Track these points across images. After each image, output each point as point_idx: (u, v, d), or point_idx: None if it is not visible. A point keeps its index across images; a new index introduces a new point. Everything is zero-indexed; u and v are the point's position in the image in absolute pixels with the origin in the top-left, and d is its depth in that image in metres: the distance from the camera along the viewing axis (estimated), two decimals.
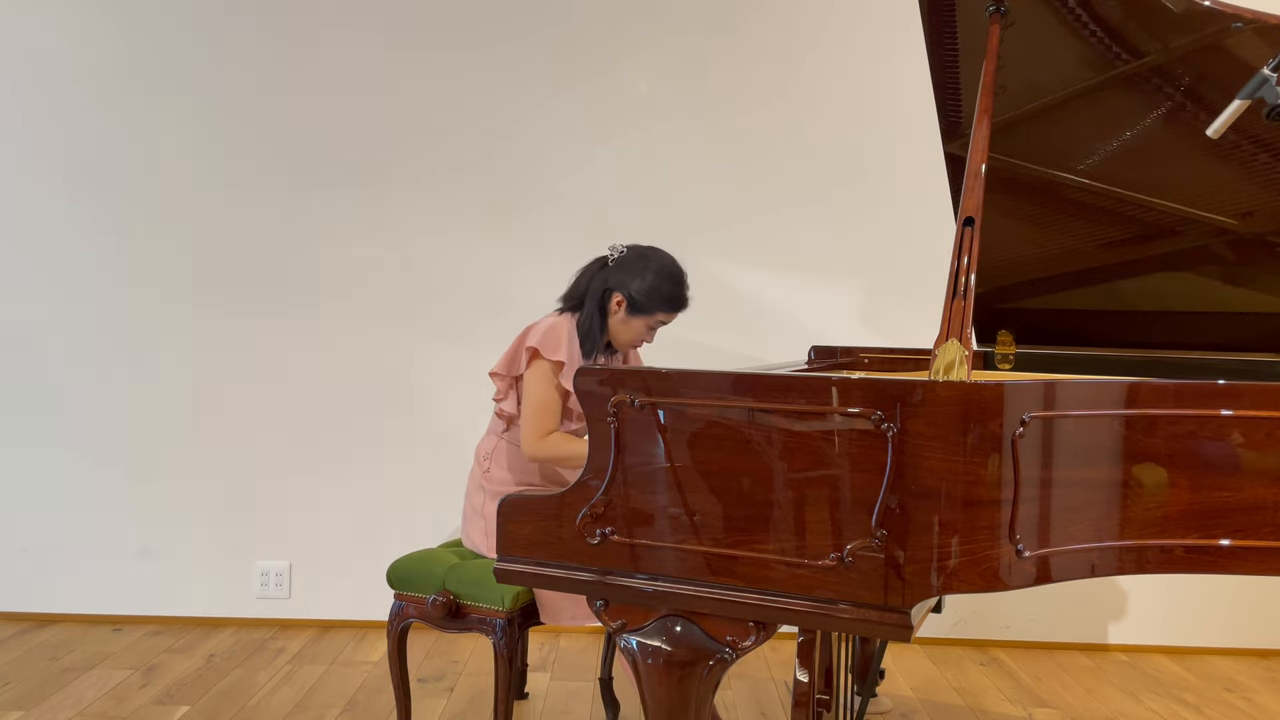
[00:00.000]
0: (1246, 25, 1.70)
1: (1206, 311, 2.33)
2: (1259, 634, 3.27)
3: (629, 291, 2.26)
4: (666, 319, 2.30)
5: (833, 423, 1.40)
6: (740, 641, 1.51)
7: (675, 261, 2.30)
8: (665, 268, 2.27)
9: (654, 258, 2.29)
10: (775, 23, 3.26)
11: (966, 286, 1.49)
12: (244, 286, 3.31)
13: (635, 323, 2.28)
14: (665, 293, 2.25)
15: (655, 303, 2.26)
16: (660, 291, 2.25)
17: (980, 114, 1.68)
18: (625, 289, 2.26)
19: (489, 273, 3.31)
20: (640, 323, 2.28)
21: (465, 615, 2.14)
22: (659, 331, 2.35)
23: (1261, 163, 1.98)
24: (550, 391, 2.19)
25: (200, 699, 2.70)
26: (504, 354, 2.29)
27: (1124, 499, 1.46)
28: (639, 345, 2.37)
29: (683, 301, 2.29)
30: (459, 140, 3.29)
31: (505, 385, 2.31)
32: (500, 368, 2.29)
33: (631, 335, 2.31)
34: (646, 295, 2.25)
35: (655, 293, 2.25)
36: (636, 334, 2.31)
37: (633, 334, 2.30)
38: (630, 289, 2.26)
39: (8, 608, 3.36)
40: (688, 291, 2.30)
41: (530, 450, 2.19)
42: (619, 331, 2.30)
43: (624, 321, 2.28)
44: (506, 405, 2.31)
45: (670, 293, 2.26)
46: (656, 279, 2.25)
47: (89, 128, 3.29)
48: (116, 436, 3.32)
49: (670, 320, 2.31)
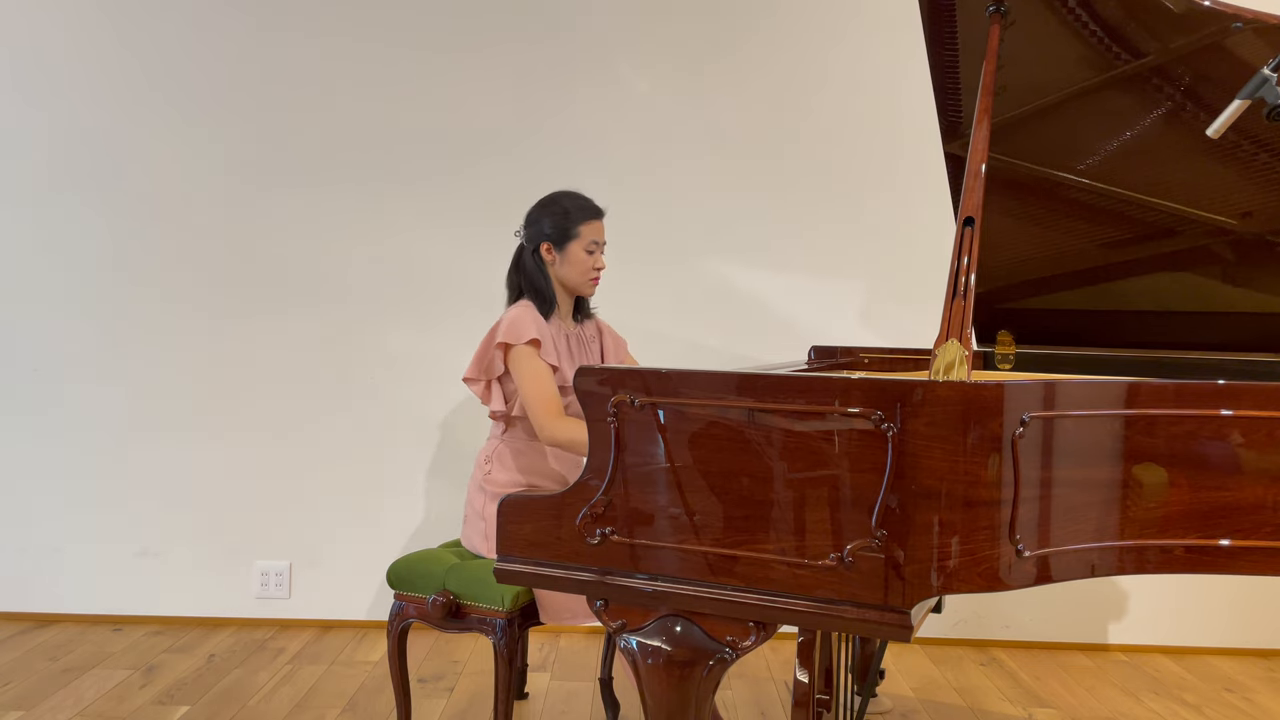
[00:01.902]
0: (1246, 25, 1.70)
1: (1206, 311, 2.33)
2: (1259, 634, 3.27)
3: (545, 233, 2.29)
4: (594, 230, 2.30)
5: (833, 423, 1.39)
6: (740, 641, 1.51)
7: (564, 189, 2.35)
8: (558, 195, 2.32)
9: (545, 197, 2.34)
10: (775, 25, 3.26)
11: (966, 286, 1.49)
12: (244, 286, 3.31)
13: (572, 253, 2.29)
14: (569, 207, 2.29)
15: (573, 220, 2.28)
16: (564, 209, 2.28)
17: (980, 114, 1.68)
18: (541, 235, 2.30)
19: (490, 273, 3.31)
20: (575, 249, 2.29)
21: (465, 615, 2.14)
22: (661, 331, 2.34)
23: (1261, 163, 1.98)
24: (541, 371, 2.18)
25: (200, 699, 2.70)
26: (472, 359, 2.28)
27: (1124, 499, 1.46)
28: (595, 275, 2.34)
29: (594, 207, 2.31)
30: (459, 141, 3.29)
31: (482, 389, 2.31)
32: (472, 372, 2.28)
33: (578, 268, 2.30)
34: (558, 223, 2.28)
35: (563, 215, 2.28)
36: (582, 264, 2.30)
37: (579, 266, 2.30)
38: (545, 231, 2.29)
39: (8, 608, 3.36)
40: (591, 199, 2.32)
41: (548, 434, 2.16)
42: (567, 274, 2.31)
43: (563, 262, 2.30)
44: (495, 406, 2.30)
45: (576, 204, 2.29)
46: (557, 205, 2.29)
47: (90, 127, 3.29)
48: (116, 436, 3.32)
49: (600, 232, 2.31)
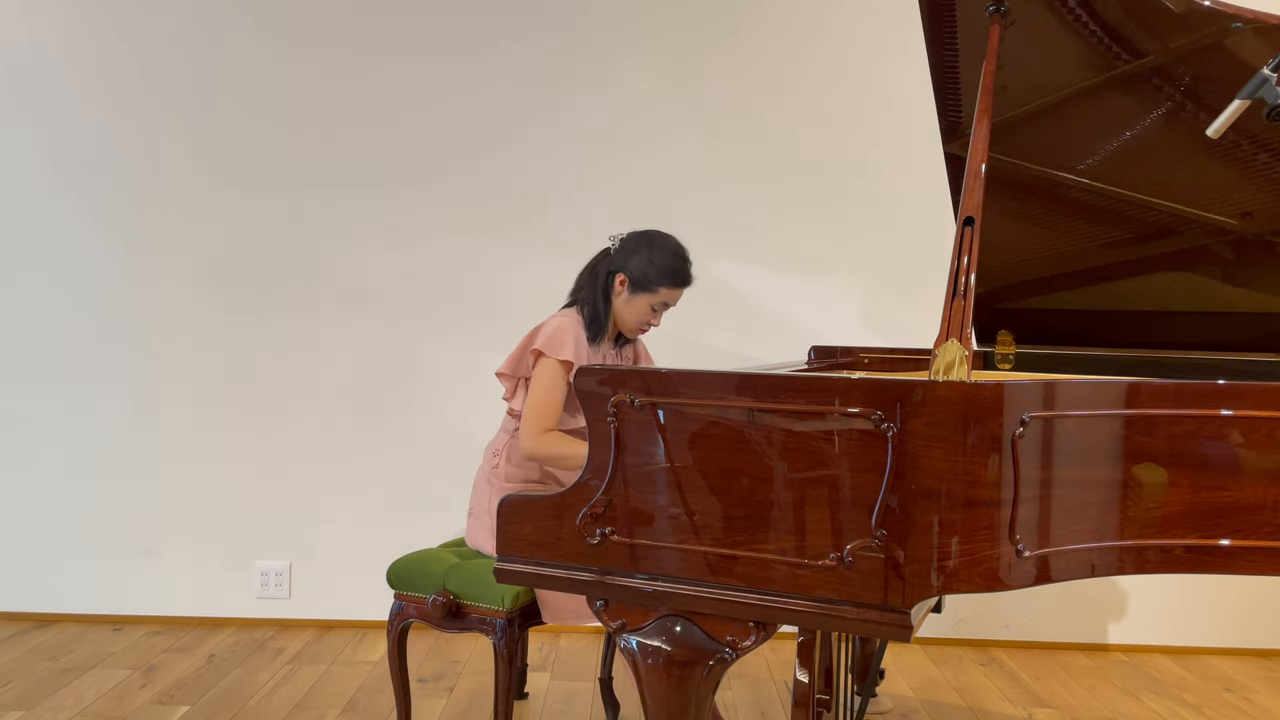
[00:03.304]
0: (1246, 25, 1.70)
1: (1206, 311, 2.33)
2: (1259, 634, 3.27)
3: (629, 270, 2.24)
4: (670, 296, 2.27)
5: (833, 423, 1.39)
6: (740, 641, 1.51)
7: (676, 239, 2.28)
8: (665, 244, 2.25)
9: (654, 236, 2.27)
10: (775, 24, 3.26)
11: (966, 286, 1.49)
12: (244, 287, 3.31)
13: (638, 302, 2.26)
14: (665, 265, 2.22)
15: (656, 277, 2.23)
16: (661, 265, 2.22)
17: (980, 114, 1.68)
18: (626, 268, 2.25)
19: (490, 274, 3.31)
20: (643, 301, 2.26)
21: (465, 615, 2.13)
22: (660, 331, 2.34)
23: (1261, 163, 1.97)
24: (554, 390, 2.17)
25: (200, 699, 2.70)
26: (510, 354, 2.29)
27: (1124, 499, 1.46)
28: (645, 329, 2.34)
29: (685, 276, 2.26)
30: (462, 142, 3.29)
31: (512, 385, 2.31)
32: (506, 368, 2.29)
33: (636, 316, 2.28)
34: (647, 270, 2.22)
35: (655, 267, 2.22)
36: (641, 315, 2.28)
37: (637, 315, 2.28)
38: (631, 267, 2.24)
39: (8, 608, 3.36)
40: (690, 267, 2.27)
41: (527, 447, 2.16)
42: (624, 314, 2.28)
43: (628, 302, 2.26)
44: (516, 404, 2.30)
45: (670, 265, 2.23)
46: (657, 254, 2.23)
47: (90, 127, 3.28)
48: (117, 437, 3.32)
49: (675, 299, 2.28)
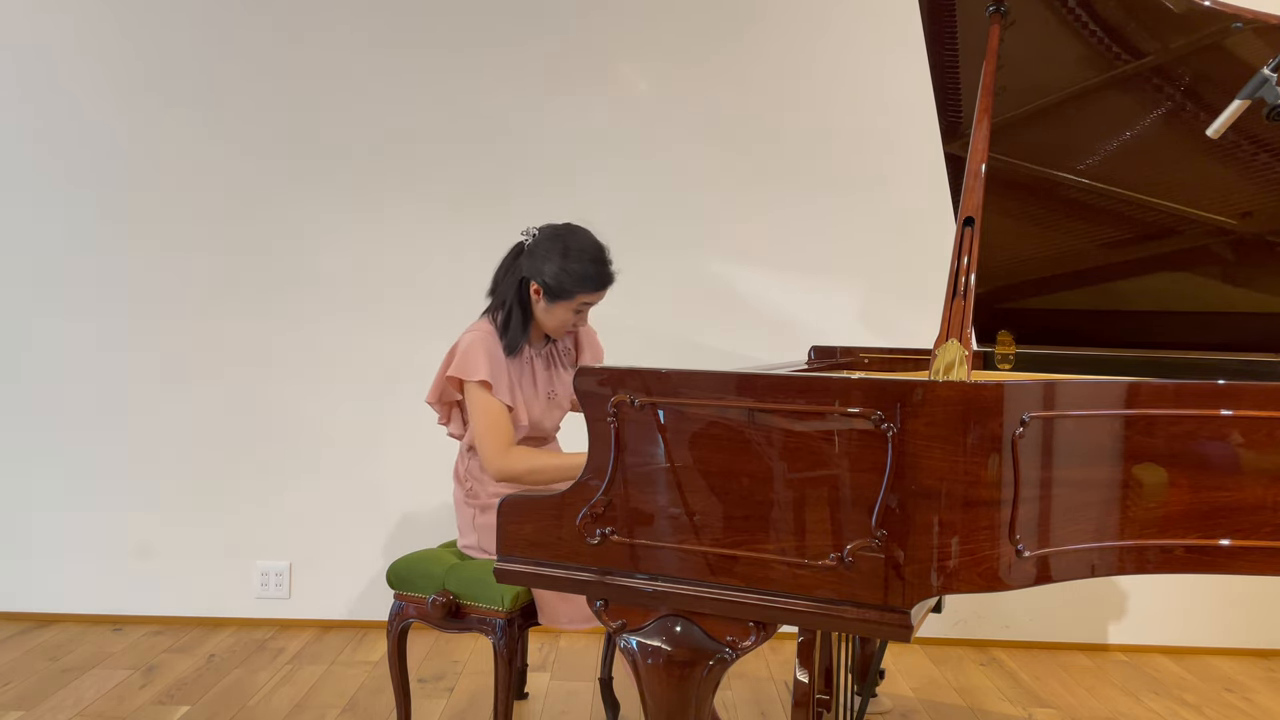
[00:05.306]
0: (1246, 25, 1.70)
1: (1206, 311, 2.33)
2: (1259, 634, 3.27)
3: (544, 279, 2.09)
4: (590, 299, 2.12)
5: (833, 423, 1.39)
6: (740, 641, 1.51)
7: (590, 236, 2.12)
8: (579, 247, 2.09)
9: (566, 237, 2.11)
10: (775, 24, 3.26)
11: (966, 286, 1.49)
12: (244, 287, 3.31)
13: (558, 309, 2.12)
14: (580, 272, 2.07)
15: (572, 285, 2.08)
16: (576, 273, 2.07)
17: (980, 114, 1.68)
18: (540, 275, 2.09)
19: (490, 274, 3.30)
20: (563, 308, 2.12)
21: (465, 615, 2.13)
22: (660, 331, 2.32)
23: (1261, 163, 1.97)
24: (490, 409, 2.09)
25: (200, 699, 2.70)
26: (433, 381, 2.21)
27: (1124, 499, 1.46)
28: (573, 331, 2.22)
29: (603, 278, 2.11)
30: (461, 142, 3.29)
31: (445, 411, 2.25)
32: (431, 397, 2.22)
33: (557, 322, 2.15)
34: (562, 279, 2.07)
35: (571, 275, 2.07)
36: (562, 320, 2.14)
37: (558, 320, 2.14)
38: (545, 275, 2.08)
39: (8, 608, 3.35)
40: (609, 267, 2.11)
41: (495, 470, 2.09)
42: (545, 320, 2.15)
43: (547, 310, 2.13)
44: (454, 429, 2.26)
45: (585, 272, 2.08)
46: (571, 260, 2.07)
47: (91, 127, 3.28)
48: (116, 436, 3.32)
49: (597, 299, 2.13)
